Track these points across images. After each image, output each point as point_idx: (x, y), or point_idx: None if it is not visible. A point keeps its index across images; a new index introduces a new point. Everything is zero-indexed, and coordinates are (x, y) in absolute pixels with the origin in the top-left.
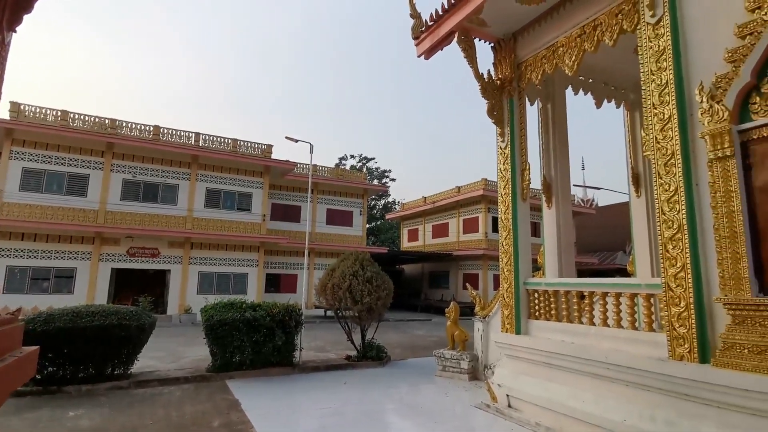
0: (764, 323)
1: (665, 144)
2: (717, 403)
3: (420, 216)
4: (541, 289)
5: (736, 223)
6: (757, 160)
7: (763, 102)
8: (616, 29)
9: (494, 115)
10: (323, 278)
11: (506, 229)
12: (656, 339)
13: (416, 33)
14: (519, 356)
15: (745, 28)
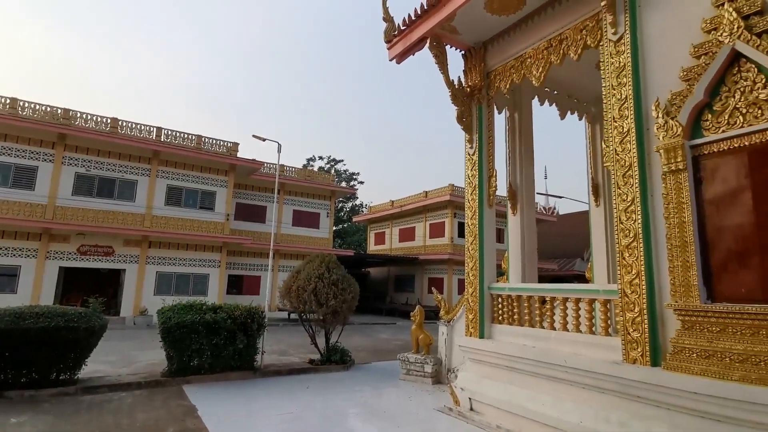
0: (711, 329)
1: (624, 156)
2: (667, 405)
3: (387, 219)
4: (505, 294)
5: (686, 233)
6: (706, 175)
7: (714, 119)
8: (580, 44)
9: (463, 121)
10: (288, 280)
11: (472, 234)
12: (612, 343)
13: (388, 37)
14: (482, 360)
15: (700, 48)
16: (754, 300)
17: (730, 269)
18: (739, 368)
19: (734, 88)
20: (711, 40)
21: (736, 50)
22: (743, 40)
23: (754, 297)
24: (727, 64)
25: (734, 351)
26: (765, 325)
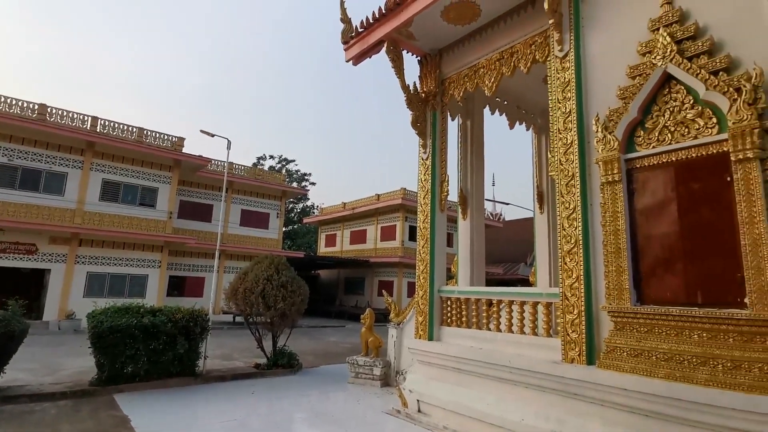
0: (640, 329)
1: (567, 166)
2: (601, 401)
3: (339, 222)
4: (454, 297)
5: (620, 240)
6: (638, 186)
7: (646, 136)
8: (530, 58)
9: (418, 126)
10: (234, 282)
11: (424, 237)
12: (553, 344)
13: (345, 38)
14: (430, 362)
15: (635, 69)
16: (678, 303)
17: (658, 274)
18: (665, 366)
19: (664, 108)
20: (645, 62)
21: (667, 72)
22: (675, 63)
23: (677, 300)
24: (659, 85)
25: (660, 350)
26: (687, 326)
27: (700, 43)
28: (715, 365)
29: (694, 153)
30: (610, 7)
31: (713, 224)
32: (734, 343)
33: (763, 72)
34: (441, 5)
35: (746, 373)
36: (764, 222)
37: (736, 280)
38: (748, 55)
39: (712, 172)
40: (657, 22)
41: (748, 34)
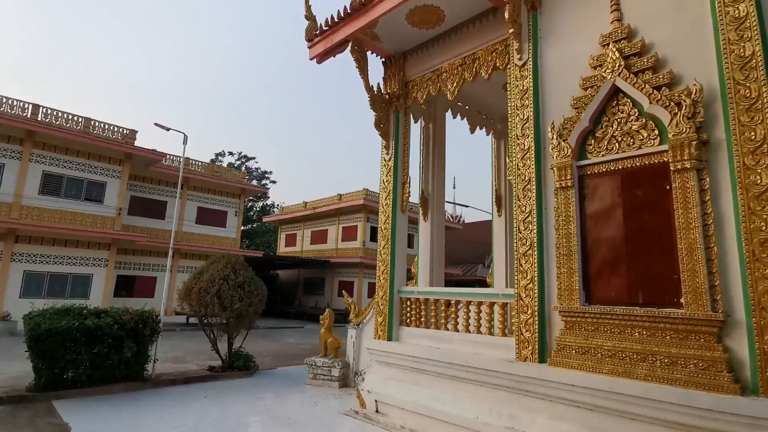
0: (588, 328)
1: (524, 171)
2: (551, 397)
3: (299, 221)
4: (414, 297)
5: (572, 243)
6: (589, 192)
7: (596, 144)
8: (491, 65)
9: (381, 127)
10: (189, 282)
11: (385, 238)
12: (508, 343)
13: (310, 35)
14: (389, 362)
15: (587, 81)
16: (621, 302)
17: (604, 275)
18: (608, 362)
19: (613, 119)
20: (596, 75)
21: (616, 86)
22: (622, 77)
23: (621, 300)
24: (609, 97)
25: (605, 347)
26: (629, 324)
27: (646, 59)
28: (653, 361)
29: (638, 162)
30: (565, 20)
31: (654, 229)
32: (671, 340)
33: (702, 88)
34: (406, 8)
35: (682, 369)
36: (699, 228)
37: (674, 281)
38: (689, 71)
39: (653, 180)
40: (607, 38)
41: (689, 52)
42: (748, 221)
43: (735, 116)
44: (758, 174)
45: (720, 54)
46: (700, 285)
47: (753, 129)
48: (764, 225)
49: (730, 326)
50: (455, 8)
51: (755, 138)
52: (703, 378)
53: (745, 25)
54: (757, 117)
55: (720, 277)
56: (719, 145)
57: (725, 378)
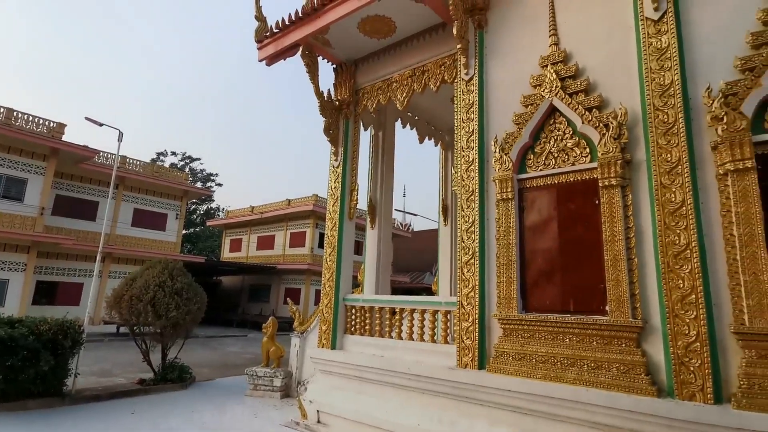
0: (524, 335)
1: (468, 182)
2: (489, 403)
3: (246, 226)
4: (359, 305)
5: (511, 253)
6: (527, 205)
7: (535, 159)
8: (439, 78)
9: (330, 134)
10: (119, 288)
11: (331, 245)
12: (450, 350)
13: (259, 37)
14: (333, 371)
15: (528, 99)
16: (555, 310)
17: (540, 284)
18: (542, 368)
19: (550, 136)
20: (536, 94)
21: (553, 105)
22: (559, 98)
23: (555, 308)
24: (547, 115)
25: (539, 353)
26: (561, 330)
27: (579, 82)
28: (582, 366)
29: (571, 178)
30: (509, 41)
31: (585, 241)
32: (597, 345)
33: (626, 112)
34: (358, 17)
35: (606, 372)
36: (622, 241)
37: (600, 290)
38: (616, 96)
39: (585, 195)
40: (546, 60)
41: (616, 78)
42: (664, 235)
43: (654, 139)
44: (673, 192)
45: (643, 81)
46: (622, 293)
47: (669, 151)
48: (678, 239)
49: (647, 332)
50: (406, 20)
51: (671, 159)
52: (624, 381)
53: (665, 56)
54: (673, 140)
55: (639, 287)
56: (640, 165)
57: (643, 381)
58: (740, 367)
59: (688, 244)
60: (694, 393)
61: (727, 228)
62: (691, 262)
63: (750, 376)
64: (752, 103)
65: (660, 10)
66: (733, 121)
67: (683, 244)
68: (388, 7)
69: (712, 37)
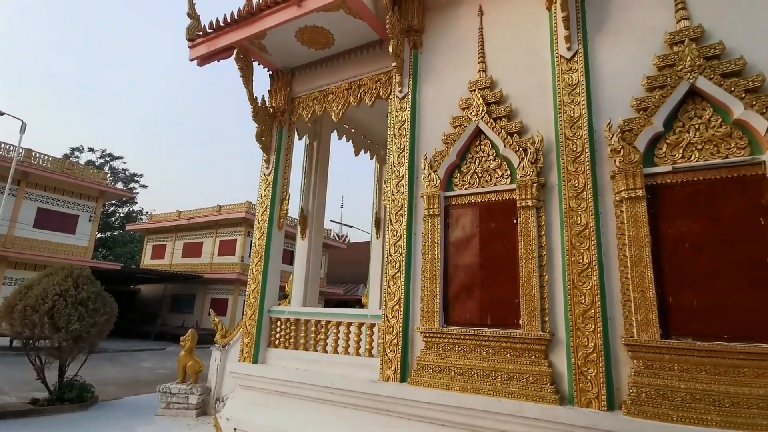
0: (444, 348)
1: (398, 197)
2: (409, 415)
3: (171, 231)
4: (284, 317)
5: (436, 267)
6: (452, 221)
7: (461, 178)
8: (374, 93)
9: (262, 141)
10: (12, 297)
11: (258, 255)
12: (374, 363)
13: (191, 35)
14: (253, 386)
15: (457, 120)
16: (474, 324)
17: (461, 299)
18: (459, 380)
19: (475, 156)
20: (464, 116)
21: (479, 128)
22: (484, 121)
23: (474, 321)
24: (473, 137)
25: (457, 365)
26: (479, 343)
27: (503, 108)
28: (496, 377)
29: (493, 197)
30: (441, 63)
31: (503, 258)
32: (510, 357)
33: (543, 139)
34: (296, 26)
35: (517, 383)
36: (536, 259)
37: (515, 305)
38: (534, 124)
39: (504, 214)
40: (474, 85)
41: (535, 107)
42: (570, 254)
43: (565, 165)
44: (579, 215)
45: (557, 112)
46: (534, 308)
47: (577, 177)
48: (582, 258)
49: (554, 344)
50: (344, 34)
51: (578, 185)
52: (532, 390)
53: (576, 91)
54: (580, 168)
55: (549, 302)
56: (553, 189)
57: (548, 390)
58: (630, 376)
59: (590, 263)
60: (590, 400)
61: (621, 249)
62: (592, 280)
63: (638, 385)
64: (644, 139)
65: (572, 50)
66: (629, 154)
67: (586, 263)
68: (327, 20)
69: (614, 78)
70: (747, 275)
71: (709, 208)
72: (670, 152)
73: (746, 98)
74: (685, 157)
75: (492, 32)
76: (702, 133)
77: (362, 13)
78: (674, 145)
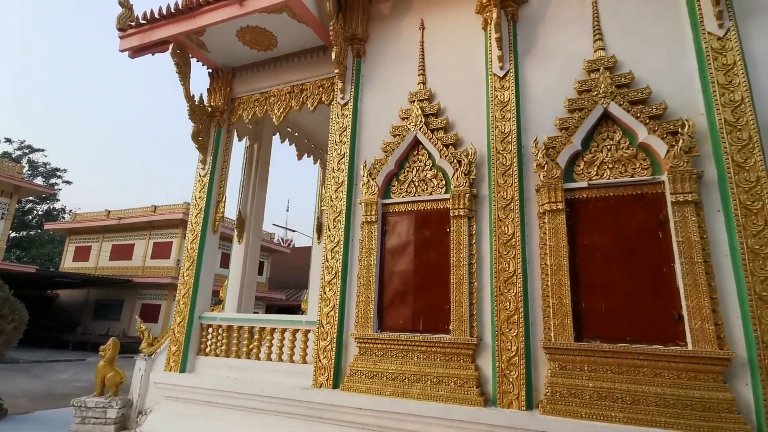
0: (378, 353)
1: (336, 203)
2: (341, 422)
3: (98, 232)
4: (216, 324)
5: (371, 274)
6: (389, 228)
7: (399, 185)
8: (317, 98)
9: (199, 140)
10: None
11: (190, 259)
12: (308, 370)
13: (122, 25)
14: (180, 397)
15: (396, 129)
16: (407, 329)
17: (395, 305)
18: (391, 385)
19: (413, 165)
20: (404, 126)
21: (417, 138)
22: (422, 132)
23: (406, 327)
24: (412, 146)
25: (390, 371)
26: (411, 349)
27: (440, 120)
28: (426, 381)
29: (428, 206)
30: (384, 72)
31: (436, 265)
32: (440, 362)
33: (476, 151)
34: (237, 25)
35: (445, 387)
36: (466, 266)
37: (446, 311)
38: (468, 137)
39: (438, 223)
40: (414, 96)
41: (470, 121)
42: (498, 263)
43: (495, 178)
44: (507, 225)
45: (489, 127)
46: (463, 314)
47: (506, 189)
48: (508, 266)
49: (481, 348)
50: (288, 38)
51: (507, 197)
52: (459, 393)
53: (506, 108)
54: (509, 180)
55: (477, 308)
56: (484, 200)
57: (474, 392)
58: (547, 377)
59: (515, 271)
60: (511, 401)
61: (543, 258)
62: (516, 287)
63: (553, 385)
64: (565, 157)
65: (504, 69)
66: (551, 169)
67: (511, 270)
68: (270, 22)
69: (541, 98)
70: (646, 283)
71: (617, 222)
72: (586, 169)
73: (650, 124)
74: (599, 174)
75: (432, 46)
76: (613, 154)
77: (306, 17)
78: (590, 163)
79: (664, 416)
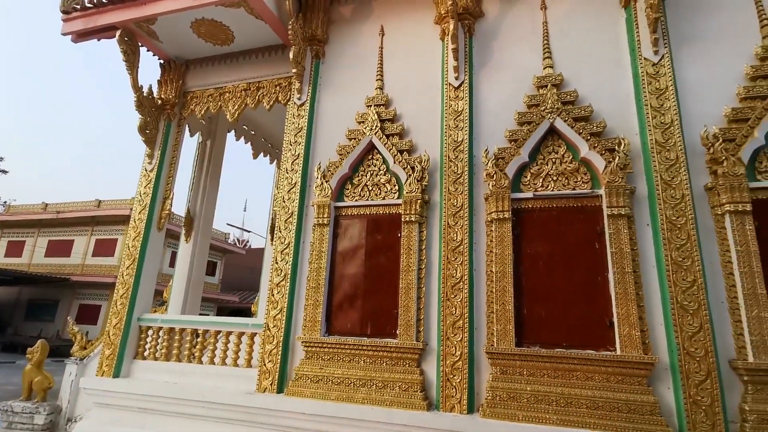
0: (324, 357)
1: (289, 204)
2: (283, 427)
3: (33, 226)
4: (156, 326)
5: (321, 277)
6: (341, 231)
7: (353, 189)
8: (273, 97)
9: (146, 133)
10: None
11: (131, 258)
12: (252, 374)
13: (66, 7)
14: (113, 403)
15: (352, 133)
16: (354, 333)
17: (344, 308)
18: (336, 389)
19: (367, 170)
20: (359, 130)
21: (372, 142)
22: (377, 137)
23: (354, 331)
24: (366, 150)
25: (335, 375)
26: (358, 353)
27: (396, 126)
28: (371, 386)
29: (381, 210)
30: (342, 76)
31: (386, 270)
32: (386, 366)
33: (429, 159)
34: (191, 16)
35: (390, 391)
36: (415, 271)
37: (394, 315)
38: (422, 143)
39: (390, 227)
40: (371, 101)
41: (424, 128)
42: (446, 268)
43: (446, 185)
44: (455, 232)
45: (442, 135)
46: (410, 318)
47: (456, 197)
48: (455, 272)
49: (426, 353)
50: (246, 33)
51: (456, 204)
52: (403, 398)
53: (460, 118)
54: (459, 188)
55: (424, 313)
56: (435, 206)
57: (418, 397)
58: (488, 381)
59: (462, 277)
60: (453, 405)
61: (489, 265)
62: (462, 293)
63: (494, 389)
64: (513, 167)
65: (459, 80)
66: (500, 179)
67: (459, 277)
68: (227, 16)
69: (493, 109)
70: (582, 291)
71: (559, 232)
72: (532, 180)
73: (591, 140)
74: (544, 186)
75: (391, 52)
76: (557, 167)
77: (264, 14)
78: (536, 175)
79: (594, 418)
